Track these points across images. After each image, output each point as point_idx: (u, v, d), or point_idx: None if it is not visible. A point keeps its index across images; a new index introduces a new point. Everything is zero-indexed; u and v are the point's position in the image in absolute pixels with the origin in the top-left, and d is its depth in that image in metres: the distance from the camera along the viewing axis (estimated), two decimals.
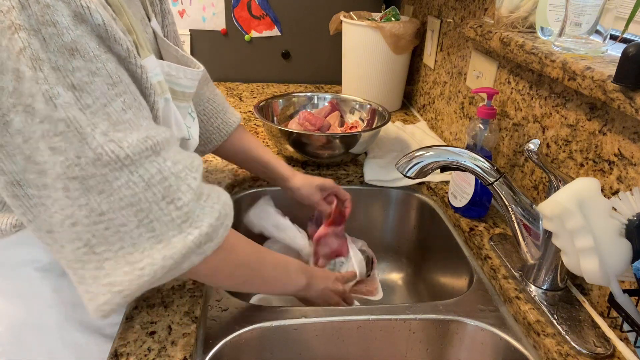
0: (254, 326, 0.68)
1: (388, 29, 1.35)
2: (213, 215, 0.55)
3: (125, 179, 0.49)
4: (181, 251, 0.52)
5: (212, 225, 0.55)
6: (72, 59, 0.46)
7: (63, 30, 0.45)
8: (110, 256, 0.51)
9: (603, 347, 0.62)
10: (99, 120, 0.48)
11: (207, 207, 0.55)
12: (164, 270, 0.52)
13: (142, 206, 0.50)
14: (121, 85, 0.50)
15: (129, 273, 0.51)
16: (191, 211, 0.53)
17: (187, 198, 0.53)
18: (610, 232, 0.55)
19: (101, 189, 0.49)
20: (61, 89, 0.46)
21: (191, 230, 0.53)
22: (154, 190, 0.51)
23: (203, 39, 1.69)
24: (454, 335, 0.73)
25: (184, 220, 0.53)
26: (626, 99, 0.57)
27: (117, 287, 0.51)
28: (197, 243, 0.53)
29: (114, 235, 0.50)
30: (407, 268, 1.12)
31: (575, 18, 0.70)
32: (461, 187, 0.91)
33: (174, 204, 0.52)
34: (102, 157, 0.48)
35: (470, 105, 1.11)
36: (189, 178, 0.54)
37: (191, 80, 0.68)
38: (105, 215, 0.50)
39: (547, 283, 0.72)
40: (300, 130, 1.10)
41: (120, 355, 0.59)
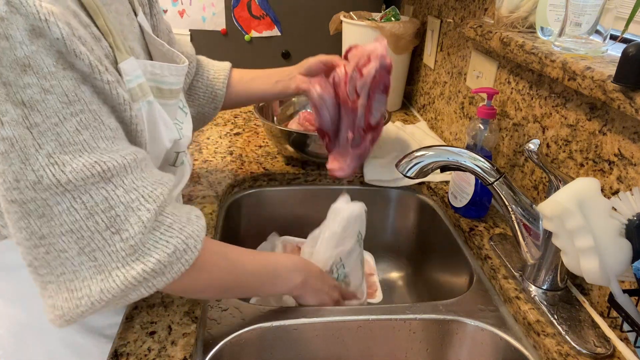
0: (254, 326, 0.68)
1: (388, 29, 1.35)
2: (165, 251, 0.52)
3: (67, 204, 0.47)
4: (120, 287, 0.50)
5: (162, 262, 0.51)
6: (24, 74, 0.44)
7: (16, 45, 0.43)
8: (52, 280, 0.50)
9: (603, 347, 0.62)
10: (46, 140, 0.46)
11: (161, 240, 0.52)
12: (101, 303, 0.50)
13: (83, 234, 0.48)
14: (78, 104, 0.47)
15: (68, 300, 0.50)
16: (139, 244, 0.50)
17: (134, 230, 0.50)
18: (610, 232, 0.55)
19: (41, 212, 0.47)
20: (9, 106, 0.44)
21: (135, 265, 0.50)
22: (96, 218, 0.48)
23: (203, 39, 1.69)
24: (454, 335, 0.73)
25: (129, 254, 0.50)
26: (626, 99, 0.57)
27: (58, 312, 0.50)
28: (140, 279, 0.50)
29: (55, 260, 0.49)
30: (407, 268, 1.12)
31: (575, 18, 0.70)
32: (461, 187, 0.91)
33: (119, 235, 0.49)
34: (42, 180, 0.46)
35: (470, 105, 1.11)
36: (142, 209, 0.51)
37: (177, 76, 0.67)
38: (45, 239, 0.48)
39: (547, 283, 0.72)
40: (300, 130, 1.10)
41: (120, 355, 0.59)
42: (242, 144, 1.21)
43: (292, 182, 1.08)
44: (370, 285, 0.97)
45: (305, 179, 1.08)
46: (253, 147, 1.20)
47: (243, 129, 1.31)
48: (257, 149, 1.19)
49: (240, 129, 1.31)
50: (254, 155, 1.15)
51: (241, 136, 1.26)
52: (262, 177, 1.07)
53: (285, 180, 1.08)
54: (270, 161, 1.12)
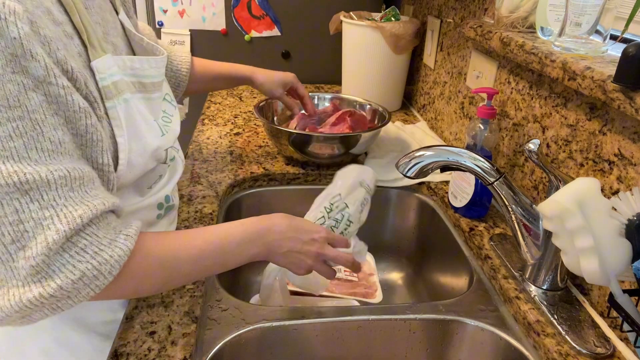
0: (254, 326, 0.68)
1: (388, 29, 1.35)
2: (69, 277, 0.48)
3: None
4: (13, 307, 0.46)
5: (64, 289, 0.48)
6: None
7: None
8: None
9: (603, 347, 0.62)
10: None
11: (68, 265, 0.48)
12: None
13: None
14: (18, 111, 0.46)
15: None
16: (41, 265, 0.47)
17: (36, 250, 0.46)
18: (610, 232, 0.55)
19: None
20: None
21: (34, 288, 0.47)
22: (2, 230, 0.46)
23: (203, 39, 1.69)
24: (454, 335, 0.73)
25: (30, 273, 0.46)
26: (626, 99, 0.57)
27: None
28: (36, 303, 0.47)
29: None
30: (407, 268, 1.12)
31: (575, 18, 0.70)
32: (461, 187, 0.91)
33: (24, 252, 0.46)
34: None
35: (470, 105, 1.11)
36: (51, 229, 0.47)
37: (156, 69, 0.67)
38: None
39: (547, 283, 0.72)
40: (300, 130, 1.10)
41: (120, 355, 0.59)
42: (242, 144, 1.21)
43: (292, 182, 1.08)
44: (370, 285, 0.96)
45: (305, 179, 1.08)
46: (253, 147, 1.20)
47: (243, 129, 1.31)
48: (257, 149, 1.19)
49: (240, 129, 1.31)
50: (254, 155, 1.15)
51: (241, 136, 1.26)
52: (262, 177, 1.07)
53: (285, 180, 1.08)
54: (270, 161, 1.12)
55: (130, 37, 0.68)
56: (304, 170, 1.08)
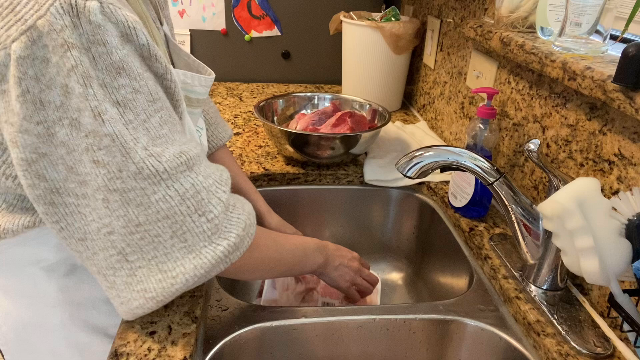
0: (254, 326, 0.68)
1: (388, 29, 1.35)
2: (240, 226, 0.58)
3: (163, 193, 0.52)
4: (211, 262, 0.55)
5: (239, 236, 0.57)
6: (118, 76, 0.49)
7: (112, 50, 0.48)
8: (143, 264, 0.54)
9: (603, 347, 0.62)
10: (140, 135, 0.50)
11: (234, 218, 0.58)
12: (194, 278, 0.55)
13: (176, 219, 0.53)
14: (159, 102, 0.53)
15: (162, 281, 0.54)
16: (220, 223, 0.56)
17: (217, 211, 0.55)
18: (610, 232, 0.55)
19: (140, 201, 0.51)
20: (108, 105, 0.49)
21: (220, 242, 0.56)
22: (187, 203, 0.53)
23: (203, 39, 1.69)
24: (454, 335, 0.73)
25: (213, 232, 0.55)
26: (626, 99, 0.57)
27: (151, 294, 0.54)
28: (226, 253, 0.56)
29: (149, 245, 0.53)
30: (407, 268, 1.12)
31: (575, 18, 0.70)
32: (461, 187, 0.91)
33: (205, 217, 0.55)
34: (143, 171, 0.50)
35: (470, 105, 1.11)
36: (219, 191, 0.56)
37: (205, 87, 0.70)
38: (141, 226, 0.52)
39: (547, 283, 0.72)
40: (300, 130, 1.10)
41: (120, 355, 0.59)
42: (242, 144, 1.21)
43: (292, 182, 1.08)
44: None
45: (305, 179, 1.08)
46: (253, 147, 1.20)
47: (243, 129, 1.31)
48: (257, 149, 1.19)
49: (240, 129, 1.31)
50: (254, 155, 1.15)
51: (241, 136, 1.26)
52: (262, 177, 1.07)
53: (285, 180, 1.08)
54: (270, 161, 1.12)
55: (174, 50, 0.71)
56: (304, 170, 1.08)
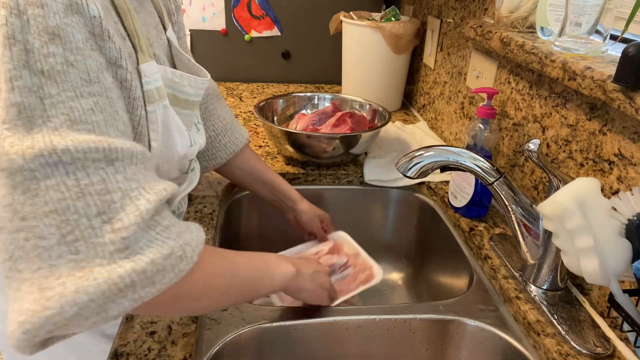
0: (254, 326, 0.68)
1: (388, 29, 1.35)
2: (161, 251, 0.45)
3: (57, 179, 0.42)
4: (101, 286, 0.41)
5: (155, 264, 0.44)
6: (50, 43, 0.43)
7: (50, 14, 0.43)
8: (29, 277, 0.42)
9: (603, 347, 0.62)
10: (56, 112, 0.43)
11: (157, 240, 0.45)
12: (73, 307, 0.41)
13: (68, 216, 0.42)
14: (97, 86, 0.46)
15: (36, 301, 0.41)
16: (132, 238, 0.43)
17: (129, 220, 0.43)
18: (610, 232, 0.55)
19: (27, 186, 0.41)
20: (26, 72, 0.42)
21: (123, 262, 0.42)
22: (88, 200, 0.42)
23: (203, 39, 1.69)
24: (454, 335, 0.73)
25: (117, 248, 0.42)
26: (626, 99, 0.57)
27: (21, 317, 0.41)
28: (127, 282, 0.42)
29: (33, 249, 0.41)
30: (407, 268, 1.12)
31: (575, 18, 0.70)
32: (461, 187, 0.91)
33: (111, 225, 0.43)
34: (35, 145, 0.41)
35: (470, 105, 1.11)
36: (141, 199, 0.45)
37: (195, 88, 0.67)
38: (26, 220, 0.41)
39: (547, 283, 0.72)
40: (300, 130, 1.10)
41: (120, 355, 0.59)
42: None
43: (292, 182, 1.08)
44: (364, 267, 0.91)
45: (305, 179, 1.08)
46: (253, 147, 1.20)
47: None
48: (257, 149, 1.19)
49: None
50: None
51: None
52: None
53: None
54: (270, 161, 1.12)
55: (176, 54, 0.69)
56: (304, 170, 1.08)
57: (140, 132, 0.54)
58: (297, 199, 0.94)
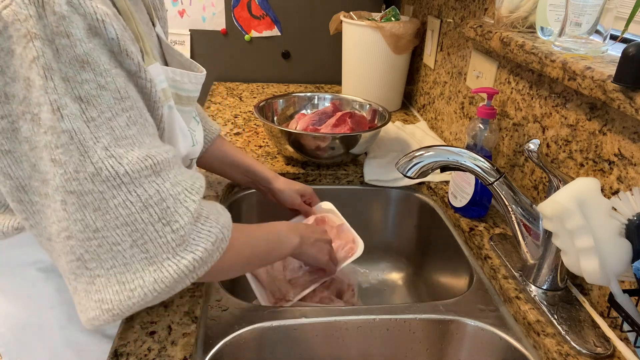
0: (254, 326, 0.68)
1: (388, 29, 1.35)
2: (209, 240, 0.54)
3: (123, 197, 0.49)
4: (173, 276, 0.51)
5: (208, 251, 0.54)
6: (82, 71, 0.46)
7: (76, 42, 0.46)
8: (102, 273, 0.50)
9: (603, 347, 0.62)
10: (102, 134, 0.48)
11: (204, 230, 0.54)
12: (154, 293, 0.51)
13: (137, 226, 0.50)
14: (128, 101, 0.50)
15: (119, 292, 0.50)
16: (187, 234, 0.52)
17: (183, 221, 0.52)
18: (610, 232, 0.55)
19: (97, 206, 0.48)
20: (68, 100, 0.46)
21: (185, 255, 0.52)
22: (150, 211, 0.50)
23: (203, 39, 1.69)
24: (454, 335, 0.73)
25: (178, 244, 0.52)
26: (626, 99, 0.57)
27: (107, 305, 0.50)
28: (191, 268, 0.52)
29: (107, 253, 0.50)
30: (407, 268, 1.12)
31: (575, 18, 0.70)
32: (461, 187, 0.91)
33: (170, 227, 0.51)
34: (101, 172, 0.48)
35: (470, 105, 1.11)
36: (188, 200, 0.53)
37: (195, 84, 0.69)
38: (99, 232, 0.49)
39: (547, 283, 0.72)
40: (300, 130, 1.10)
41: (120, 355, 0.59)
42: (242, 144, 1.21)
43: None
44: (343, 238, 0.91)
45: (305, 179, 1.08)
46: (253, 147, 1.20)
47: (243, 129, 1.31)
48: (257, 149, 1.19)
49: (240, 129, 1.31)
50: (254, 155, 1.15)
51: (241, 136, 1.26)
52: None
53: None
54: (270, 161, 1.12)
55: (167, 50, 0.70)
56: (304, 170, 1.08)
57: (162, 127, 0.58)
58: (271, 177, 0.94)
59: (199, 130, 0.76)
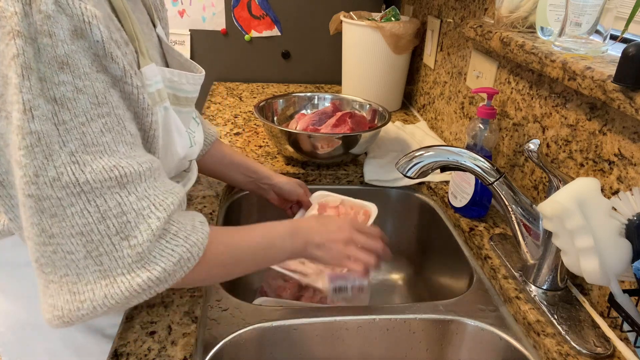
0: (254, 326, 0.68)
1: (388, 29, 1.35)
2: (171, 260, 0.52)
3: (81, 206, 0.48)
4: (124, 293, 0.50)
5: (167, 271, 0.52)
6: (60, 72, 0.46)
7: (58, 43, 0.45)
8: (55, 279, 0.50)
9: (603, 347, 0.62)
10: (70, 138, 0.47)
11: (167, 249, 0.52)
12: (104, 308, 0.50)
13: (92, 237, 0.49)
14: (106, 107, 0.49)
15: (69, 302, 0.50)
16: (145, 252, 0.50)
17: (142, 238, 0.50)
18: (610, 232, 0.55)
19: (54, 212, 0.47)
20: (42, 101, 0.45)
21: (141, 272, 0.50)
22: (108, 223, 0.49)
23: (203, 39, 1.69)
24: (454, 335, 0.73)
25: (135, 260, 0.50)
26: (626, 99, 0.57)
27: (58, 312, 0.50)
28: (144, 287, 0.51)
29: (61, 260, 0.49)
30: (407, 268, 1.12)
31: (575, 18, 0.70)
32: (461, 187, 0.91)
33: (128, 242, 0.50)
34: (61, 178, 0.46)
35: (470, 105, 1.11)
36: (152, 217, 0.51)
37: (193, 85, 0.68)
38: (54, 238, 0.48)
39: (547, 283, 0.72)
40: (300, 130, 1.10)
41: (120, 355, 0.59)
42: (242, 144, 1.21)
43: None
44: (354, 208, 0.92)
45: (305, 179, 1.08)
46: (253, 147, 1.20)
47: (243, 129, 1.31)
48: (257, 149, 1.19)
49: (240, 129, 1.31)
50: (254, 155, 1.15)
51: (241, 136, 1.26)
52: None
53: None
54: (270, 161, 1.12)
55: (167, 51, 0.70)
56: (304, 170, 1.08)
57: (152, 134, 0.57)
58: (272, 174, 0.94)
59: (199, 132, 0.76)
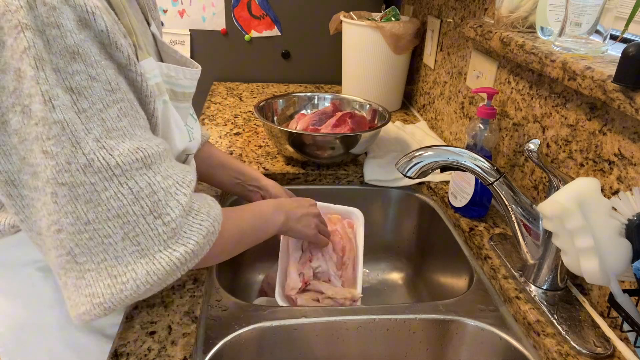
0: (254, 326, 0.68)
1: (388, 29, 1.35)
2: (201, 233, 0.55)
3: (115, 189, 0.49)
4: (165, 268, 0.52)
5: (199, 244, 0.54)
6: (73, 62, 0.47)
7: (67, 33, 0.46)
8: (92, 267, 0.51)
9: (603, 347, 0.62)
10: (93, 125, 0.48)
11: (195, 224, 0.55)
12: (146, 285, 0.51)
13: (128, 219, 0.50)
14: (119, 93, 0.50)
15: (110, 286, 0.51)
16: (178, 227, 0.53)
17: (175, 214, 0.52)
18: (610, 232, 0.55)
19: (89, 198, 0.48)
20: (60, 91, 0.46)
21: (177, 247, 0.53)
22: (142, 203, 0.50)
23: (203, 39, 1.69)
24: (454, 335, 0.73)
25: (170, 237, 0.52)
26: (626, 99, 0.57)
27: (98, 299, 0.51)
28: (182, 260, 0.53)
29: (98, 246, 0.50)
30: (407, 268, 1.12)
31: (575, 18, 0.70)
32: (461, 187, 0.91)
33: (162, 219, 0.52)
34: (93, 164, 0.48)
35: (470, 105, 1.11)
36: (179, 194, 0.54)
37: (190, 80, 0.69)
38: (90, 224, 0.49)
39: (547, 283, 0.72)
40: (301, 130, 1.10)
41: (120, 355, 0.59)
42: (242, 144, 1.21)
43: (292, 182, 1.08)
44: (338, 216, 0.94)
45: (305, 179, 1.08)
46: (253, 147, 1.20)
47: (243, 129, 1.31)
48: (257, 149, 1.19)
49: (240, 129, 1.31)
50: (254, 155, 1.15)
51: (241, 136, 1.26)
52: None
53: (285, 180, 1.08)
54: (270, 161, 1.12)
55: (162, 48, 0.70)
56: (304, 170, 1.08)
57: (154, 122, 0.58)
58: (260, 176, 0.94)
59: (197, 128, 0.76)
